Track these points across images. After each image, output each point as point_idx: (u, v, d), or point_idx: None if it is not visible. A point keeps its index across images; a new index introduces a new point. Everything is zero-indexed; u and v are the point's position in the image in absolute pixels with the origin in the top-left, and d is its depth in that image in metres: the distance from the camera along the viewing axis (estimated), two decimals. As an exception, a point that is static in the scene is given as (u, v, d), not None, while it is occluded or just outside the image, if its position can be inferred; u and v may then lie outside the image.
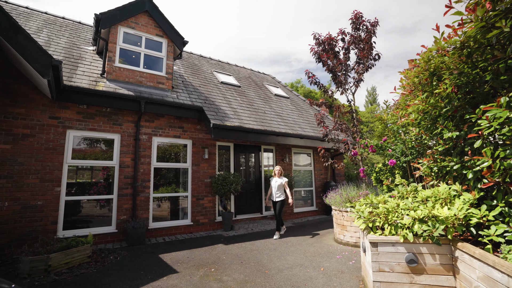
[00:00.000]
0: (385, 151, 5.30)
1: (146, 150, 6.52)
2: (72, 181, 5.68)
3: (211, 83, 9.13)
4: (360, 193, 5.45)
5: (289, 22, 77.42)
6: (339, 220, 5.66)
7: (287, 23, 77.35)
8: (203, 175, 7.26)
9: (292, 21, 77.04)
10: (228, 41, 71.83)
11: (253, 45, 68.82)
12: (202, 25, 76.99)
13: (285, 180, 6.48)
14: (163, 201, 6.85)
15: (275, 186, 6.41)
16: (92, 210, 5.87)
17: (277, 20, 79.26)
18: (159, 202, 6.74)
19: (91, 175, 6.05)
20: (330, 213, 9.63)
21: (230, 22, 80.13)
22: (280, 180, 6.45)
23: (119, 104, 6.05)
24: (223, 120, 6.94)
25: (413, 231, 2.77)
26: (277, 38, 72.40)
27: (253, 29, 76.38)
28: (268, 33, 74.77)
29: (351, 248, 5.26)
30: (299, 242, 5.86)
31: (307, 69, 6.62)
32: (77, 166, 5.78)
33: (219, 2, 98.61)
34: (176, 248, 5.45)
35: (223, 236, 6.51)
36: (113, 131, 6.15)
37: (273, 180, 6.53)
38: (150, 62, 7.06)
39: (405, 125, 5.17)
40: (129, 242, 5.57)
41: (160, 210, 6.72)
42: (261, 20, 78.30)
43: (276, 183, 6.42)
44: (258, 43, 69.71)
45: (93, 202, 5.89)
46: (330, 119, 11.51)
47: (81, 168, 5.91)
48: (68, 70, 5.99)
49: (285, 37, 72.55)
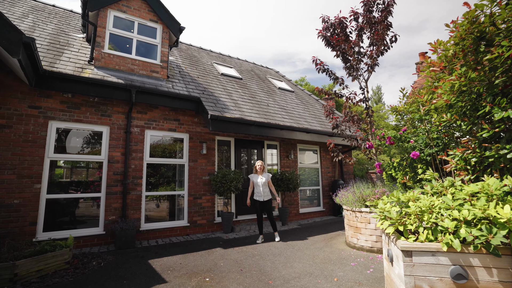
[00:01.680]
0: (404, 143, 4.66)
1: (138, 144, 5.95)
2: (55, 177, 5.14)
3: (211, 75, 8.55)
4: (376, 191, 4.82)
5: (291, 21, 76.79)
6: (352, 222, 5.03)
7: (289, 23, 76.73)
8: (201, 172, 6.67)
9: (295, 20, 76.39)
10: (231, 41, 71.43)
11: (256, 45, 68.32)
12: (204, 25, 76.69)
13: (269, 176, 5.80)
14: (157, 200, 6.28)
15: (261, 183, 5.64)
16: (77, 209, 5.32)
17: (279, 19, 78.66)
18: (152, 201, 6.18)
19: (77, 171, 5.50)
20: (338, 213, 8.99)
21: (233, 22, 79.74)
22: (264, 176, 5.72)
23: (107, 93, 5.49)
24: (222, 111, 6.35)
25: (459, 237, 2.14)
26: (280, 38, 71.83)
27: (256, 29, 75.89)
28: (270, 32, 74.23)
29: (366, 253, 4.63)
30: (306, 246, 5.25)
31: (314, 56, 6.00)
32: (60, 160, 5.23)
33: (222, 2, 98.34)
34: (169, 252, 4.87)
35: (222, 238, 5.92)
36: (101, 123, 5.59)
37: (256, 177, 5.72)
38: (143, 49, 6.50)
39: (428, 112, 4.53)
40: (117, 245, 5.00)
41: (153, 210, 6.15)
42: (263, 19, 77.78)
43: (261, 180, 5.66)
44: (261, 43, 69.18)
45: (78, 201, 5.34)
46: (338, 114, 10.87)
47: (66, 163, 5.36)
48: (51, 56, 5.45)
49: (288, 37, 71.94)
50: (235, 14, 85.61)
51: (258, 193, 5.66)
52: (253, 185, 5.75)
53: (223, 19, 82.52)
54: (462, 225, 2.19)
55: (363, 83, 5.62)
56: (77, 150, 5.45)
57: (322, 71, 5.97)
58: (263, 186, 5.66)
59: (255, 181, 5.72)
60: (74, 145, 5.43)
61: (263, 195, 5.63)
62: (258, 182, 5.68)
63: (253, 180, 5.75)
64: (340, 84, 5.80)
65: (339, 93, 5.81)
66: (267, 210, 5.65)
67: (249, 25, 78.89)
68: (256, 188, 5.70)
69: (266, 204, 5.64)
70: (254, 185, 5.74)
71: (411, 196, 2.76)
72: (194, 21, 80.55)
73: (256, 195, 5.68)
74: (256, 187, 5.69)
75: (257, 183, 5.69)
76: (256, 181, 5.70)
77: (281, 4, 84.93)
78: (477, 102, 2.83)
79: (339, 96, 5.81)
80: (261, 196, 5.63)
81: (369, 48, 5.66)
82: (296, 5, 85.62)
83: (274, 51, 63.39)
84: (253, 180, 5.76)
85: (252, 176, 5.80)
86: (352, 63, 5.44)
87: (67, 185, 5.29)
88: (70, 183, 5.34)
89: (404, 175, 5.15)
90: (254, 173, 5.87)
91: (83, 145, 5.52)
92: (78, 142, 5.48)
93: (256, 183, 5.70)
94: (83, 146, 5.51)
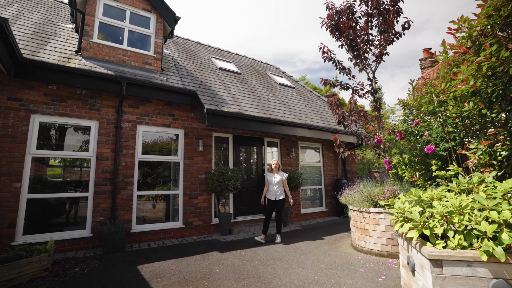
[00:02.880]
0: (416, 138, 4.27)
1: (130, 140, 5.57)
2: (38, 175, 4.75)
3: (208, 69, 8.17)
4: (385, 189, 4.44)
5: (292, 21, 76.50)
6: (359, 223, 4.64)
7: (290, 23, 76.44)
8: (197, 170, 6.29)
9: (295, 20, 76.09)
10: (232, 41, 71.07)
11: (257, 45, 67.93)
12: (206, 26, 76.33)
13: (285, 176, 5.61)
14: (150, 200, 5.89)
15: (275, 182, 5.51)
16: (62, 210, 4.94)
17: (280, 19, 78.37)
18: (145, 201, 5.79)
19: (62, 169, 5.12)
20: (342, 214, 8.60)
21: (234, 22, 79.42)
22: (279, 175, 5.56)
23: (96, 85, 5.11)
24: (219, 105, 5.97)
25: (501, 244, 1.76)
26: (281, 38, 71.49)
27: (257, 29, 75.58)
28: (271, 32, 73.91)
29: (375, 258, 4.25)
30: (309, 249, 4.86)
31: (321, 43, 5.62)
32: (43, 158, 4.84)
33: (223, 2, 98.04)
34: (161, 256, 4.48)
35: (219, 241, 5.53)
36: (90, 117, 5.21)
37: (271, 175, 5.62)
38: (135, 40, 6.12)
39: (442, 103, 4.15)
40: (105, 249, 4.61)
41: (146, 210, 5.76)
42: (264, 19, 77.49)
43: (275, 179, 5.52)
44: (262, 43, 68.81)
45: (63, 201, 4.95)
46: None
47: (50, 161, 4.97)
48: (35, 44, 5.07)
49: (289, 37, 71.62)
50: (235, 14, 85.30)
51: (271, 191, 5.56)
52: (267, 183, 5.65)
53: (224, 19, 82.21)
54: (504, 229, 1.80)
55: (370, 74, 5.24)
56: (63, 146, 5.06)
57: (329, 60, 5.60)
58: (277, 185, 5.50)
59: (269, 180, 5.61)
60: (59, 141, 5.05)
61: (275, 194, 5.49)
62: (272, 180, 5.55)
63: (268, 179, 5.66)
64: (347, 74, 5.42)
65: (345, 85, 5.43)
66: (277, 210, 5.49)
67: (249, 25, 78.61)
68: (270, 186, 5.59)
69: (277, 204, 5.49)
70: (268, 184, 5.63)
71: (434, 194, 2.38)
72: (195, 21, 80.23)
73: (269, 194, 5.59)
74: (270, 185, 5.58)
75: (271, 181, 5.56)
76: (271, 180, 5.58)
77: (282, 4, 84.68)
78: (511, 87, 2.45)
79: (345, 87, 5.43)
80: (273, 195, 5.50)
81: (378, 37, 5.28)
82: (297, 5, 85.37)
83: (275, 51, 63.08)
84: (267, 178, 5.67)
85: (267, 175, 5.73)
86: (360, 50, 5.06)
87: (51, 184, 4.90)
88: (54, 182, 4.96)
89: (413, 172, 4.77)
90: (269, 171, 5.79)
91: (69, 141, 5.14)
92: (64, 137, 5.10)
93: (270, 181, 5.58)
94: (69, 142, 5.13)
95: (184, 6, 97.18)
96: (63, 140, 5.09)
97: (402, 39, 57.72)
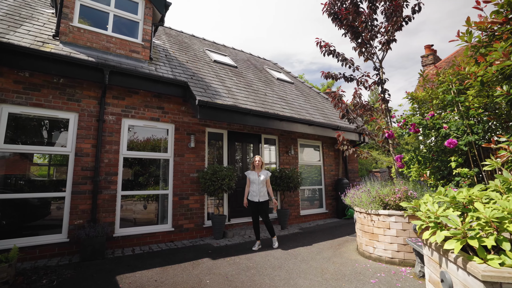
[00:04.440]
0: (431, 131, 3.82)
1: (114, 134, 5.05)
2: (6, 173, 4.21)
3: (202, 61, 7.67)
4: (396, 189, 3.98)
5: (291, 22, 76.22)
6: (367, 227, 4.18)
7: (290, 24, 76.16)
8: (188, 168, 5.78)
9: (295, 21, 75.84)
10: (231, 42, 70.51)
11: (256, 45, 67.38)
12: (205, 26, 75.61)
13: (269, 174, 4.99)
14: (136, 201, 5.37)
15: (259, 181, 4.86)
16: (35, 212, 4.40)
17: (280, 20, 78.09)
18: (130, 202, 5.27)
19: (36, 165, 4.59)
20: (343, 216, 8.15)
21: (234, 23, 78.91)
22: (263, 174, 4.93)
23: (75, 73, 4.59)
24: (213, 97, 5.48)
25: None
26: (279, 39, 71.11)
27: (256, 30, 75.15)
28: (270, 33, 73.52)
29: (386, 266, 3.78)
30: (311, 255, 4.39)
31: (317, 38, 5.17)
32: (13, 153, 4.31)
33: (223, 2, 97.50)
34: (145, 264, 3.97)
35: (211, 246, 5.04)
36: (68, 108, 4.68)
37: (254, 174, 4.93)
38: (121, 26, 5.60)
39: (461, 92, 3.71)
40: (82, 255, 4.09)
41: (131, 212, 5.25)
42: (264, 20, 77.12)
43: (260, 178, 4.87)
44: (261, 44, 68.31)
45: (36, 202, 4.42)
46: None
47: (21, 157, 4.44)
48: (4, 26, 4.54)
49: (288, 38, 71.31)
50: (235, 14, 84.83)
51: (253, 192, 4.86)
52: (249, 183, 4.95)
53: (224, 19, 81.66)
54: None
55: (377, 63, 4.79)
56: (37, 141, 4.53)
57: (328, 54, 5.14)
58: (260, 185, 4.86)
59: (251, 178, 4.93)
60: (33, 135, 4.52)
61: (259, 195, 4.83)
62: (255, 179, 4.89)
63: (249, 177, 4.96)
64: (350, 66, 4.97)
65: (349, 76, 4.97)
66: (263, 212, 4.86)
67: (250, 25, 78.16)
68: (252, 186, 4.89)
69: (262, 206, 4.84)
70: (250, 183, 4.94)
71: (474, 194, 1.92)
72: (195, 21, 79.57)
73: (251, 195, 4.88)
74: (252, 185, 4.89)
75: (254, 180, 4.89)
76: (253, 179, 4.90)
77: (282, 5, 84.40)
78: None
79: (349, 79, 4.98)
80: (256, 196, 4.83)
81: (384, 23, 4.83)
82: (296, 5, 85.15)
83: (274, 51, 62.67)
84: (249, 177, 4.97)
85: (249, 173, 5.02)
86: (365, 37, 4.60)
87: (24, 183, 4.37)
88: (27, 180, 4.42)
89: (421, 170, 4.33)
90: (251, 169, 5.08)
91: (44, 135, 4.61)
92: (38, 131, 4.57)
93: (253, 180, 4.90)
94: (44, 137, 4.60)
95: (184, 5, 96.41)
96: (37, 134, 4.56)
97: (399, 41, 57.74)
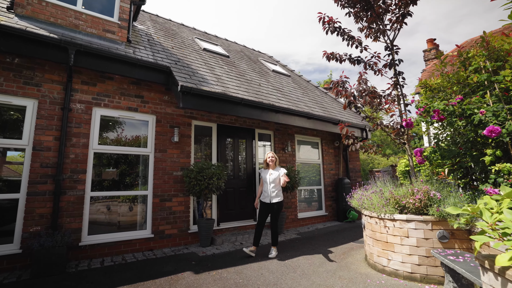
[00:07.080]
0: (459, 121, 3.17)
1: (82, 126, 4.32)
2: None
3: (190, 48, 6.95)
4: (415, 189, 3.33)
5: (288, 23, 75.84)
6: (379, 234, 3.52)
7: (286, 24, 75.75)
8: (172, 165, 5.07)
9: (292, 22, 75.44)
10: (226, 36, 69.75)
11: (254, 46, 66.89)
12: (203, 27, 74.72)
13: (283, 172, 4.38)
14: (109, 203, 4.64)
15: (270, 180, 4.33)
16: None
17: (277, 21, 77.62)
18: (102, 204, 4.53)
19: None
20: (344, 219, 7.50)
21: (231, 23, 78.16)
22: (276, 172, 4.38)
23: (32, 51, 3.86)
24: (198, 84, 4.78)
25: None
26: (277, 39, 70.82)
27: (254, 31, 74.57)
28: (267, 34, 73.13)
29: (404, 282, 3.12)
30: (313, 267, 3.71)
31: (319, 12, 4.51)
32: (-48, 145, 3.55)
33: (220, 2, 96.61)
34: (113, 280, 3.25)
35: (196, 255, 4.33)
36: (24, 94, 3.94)
37: (266, 172, 4.45)
38: (94, 2, 4.87)
39: (498, 69, 3.08)
40: (34, 270, 3.35)
41: (103, 216, 4.51)
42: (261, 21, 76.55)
43: (271, 177, 4.35)
44: (259, 45, 67.81)
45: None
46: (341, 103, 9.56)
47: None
48: None
49: (284, 39, 70.88)
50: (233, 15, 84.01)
51: (265, 192, 4.40)
52: (262, 182, 4.49)
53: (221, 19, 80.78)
54: None
55: (388, 43, 4.14)
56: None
57: (332, 32, 4.49)
58: (272, 184, 4.33)
59: (263, 177, 4.46)
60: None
61: (270, 196, 4.32)
62: (265, 178, 4.41)
63: (262, 176, 4.50)
64: (357, 46, 4.32)
65: (355, 58, 4.32)
66: (273, 216, 4.35)
67: (247, 26, 77.48)
68: (264, 186, 4.42)
69: (272, 208, 4.32)
70: (262, 183, 4.48)
71: None
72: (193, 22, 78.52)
73: (263, 195, 4.43)
74: (264, 184, 4.42)
75: (265, 179, 4.40)
76: (264, 177, 4.43)
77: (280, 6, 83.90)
78: None
79: (355, 61, 4.33)
80: (267, 196, 4.34)
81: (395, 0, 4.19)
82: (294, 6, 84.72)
83: (270, 52, 62.21)
84: (262, 176, 4.50)
85: (262, 171, 4.58)
86: (376, 10, 3.94)
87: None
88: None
89: (435, 168, 3.69)
90: (264, 167, 4.58)
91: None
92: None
93: (264, 179, 4.42)
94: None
95: (180, 6, 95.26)
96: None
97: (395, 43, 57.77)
